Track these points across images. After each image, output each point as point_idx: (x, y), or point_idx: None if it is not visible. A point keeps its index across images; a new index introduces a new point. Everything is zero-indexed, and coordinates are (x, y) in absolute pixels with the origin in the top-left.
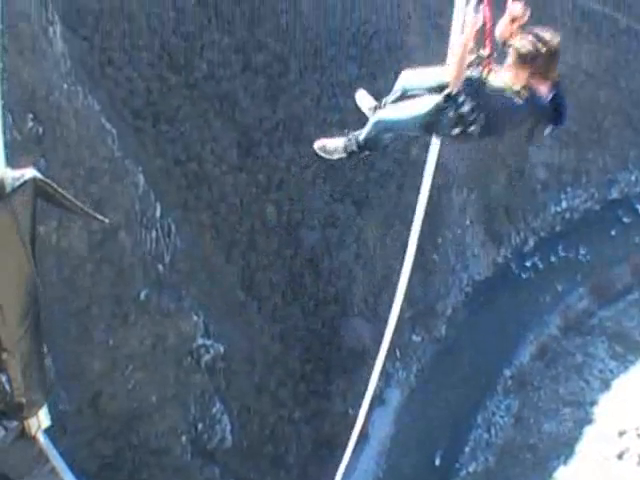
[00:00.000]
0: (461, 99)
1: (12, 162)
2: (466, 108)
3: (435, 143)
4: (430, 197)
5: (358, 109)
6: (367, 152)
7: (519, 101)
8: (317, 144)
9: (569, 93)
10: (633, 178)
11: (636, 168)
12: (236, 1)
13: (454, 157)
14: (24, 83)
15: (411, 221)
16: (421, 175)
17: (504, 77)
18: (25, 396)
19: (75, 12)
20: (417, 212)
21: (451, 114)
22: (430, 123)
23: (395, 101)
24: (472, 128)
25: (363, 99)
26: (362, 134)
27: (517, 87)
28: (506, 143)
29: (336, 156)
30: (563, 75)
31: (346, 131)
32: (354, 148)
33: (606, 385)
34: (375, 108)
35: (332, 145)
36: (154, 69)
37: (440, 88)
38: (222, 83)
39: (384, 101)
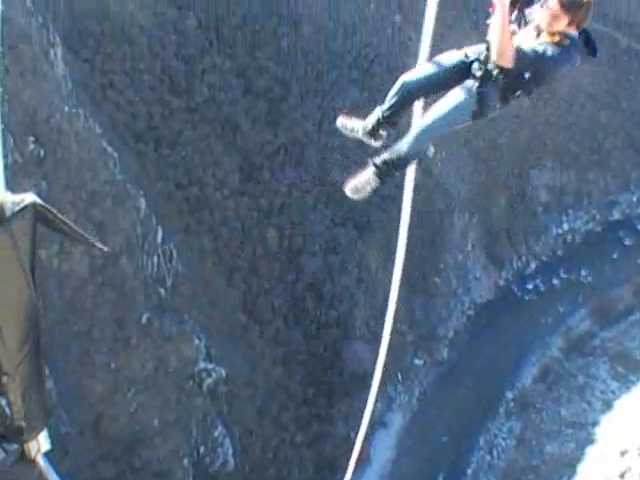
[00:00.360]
0: (495, 72)
1: (13, 184)
2: (506, 78)
3: (409, 180)
4: (432, 221)
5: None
6: (399, 170)
7: (559, 48)
8: (348, 190)
9: (570, 114)
10: (635, 199)
11: (637, 189)
12: (237, 25)
13: (455, 181)
14: (25, 105)
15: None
16: (423, 200)
17: (531, 33)
18: (25, 420)
19: (76, 34)
20: (399, 243)
21: (494, 91)
22: (479, 107)
23: (397, 107)
24: (518, 92)
25: (346, 123)
26: (398, 152)
27: (555, 38)
28: (507, 165)
29: (370, 188)
30: (564, 97)
31: (370, 160)
32: (390, 172)
33: (608, 406)
34: (375, 126)
35: (362, 181)
36: (155, 93)
37: (461, 67)
38: (223, 107)
39: (381, 111)
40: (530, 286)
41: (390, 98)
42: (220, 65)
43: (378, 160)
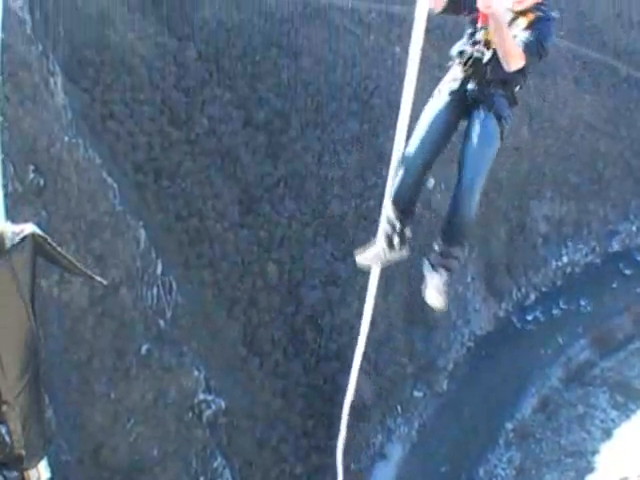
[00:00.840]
0: (494, 82)
1: (14, 213)
2: (507, 82)
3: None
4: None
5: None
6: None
7: (540, 24)
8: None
9: (570, 145)
10: (634, 228)
11: (637, 219)
12: (237, 56)
13: None
14: (25, 134)
15: (412, 278)
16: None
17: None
18: (25, 448)
19: (76, 63)
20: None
21: (502, 100)
22: (501, 126)
23: (411, 199)
24: (519, 85)
25: (367, 256)
26: (459, 228)
27: (529, 16)
28: (507, 197)
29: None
30: (564, 127)
31: (431, 262)
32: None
33: (607, 434)
34: (399, 236)
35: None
36: (155, 124)
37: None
38: (223, 139)
39: (396, 218)
40: (530, 317)
41: (398, 198)
42: (220, 96)
43: (441, 251)
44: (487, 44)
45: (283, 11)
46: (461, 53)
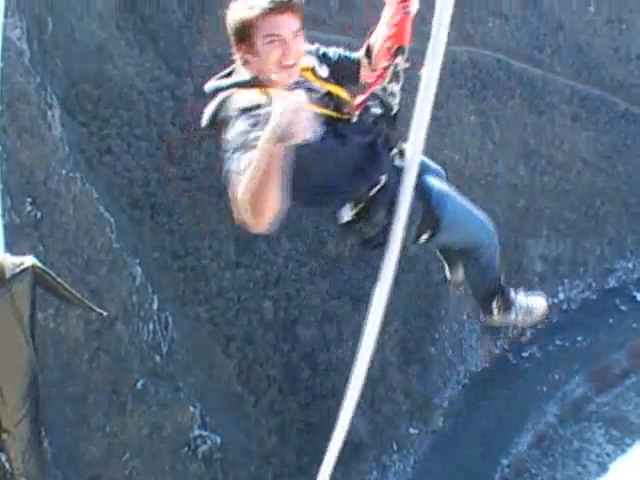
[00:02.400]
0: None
1: (11, 246)
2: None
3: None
4: (428, 293)
5: None
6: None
7: None
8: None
9: (567, 182)
10: (631, 265)
11: (634, 255)
12: None
13: None
14: (23, 166)
15: (408, 317)
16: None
17: None
18: (24, 476)
19: (74, 96)
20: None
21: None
22: None
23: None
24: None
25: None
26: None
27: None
28: (503, 236)
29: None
30: (560, 164)
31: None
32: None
33: (603, 468)
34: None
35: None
36: (152, 159)
37: None
38: (220, 176)
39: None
40: (526, 354)
41: None
42: (217, 133)
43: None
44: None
45: None
46: None
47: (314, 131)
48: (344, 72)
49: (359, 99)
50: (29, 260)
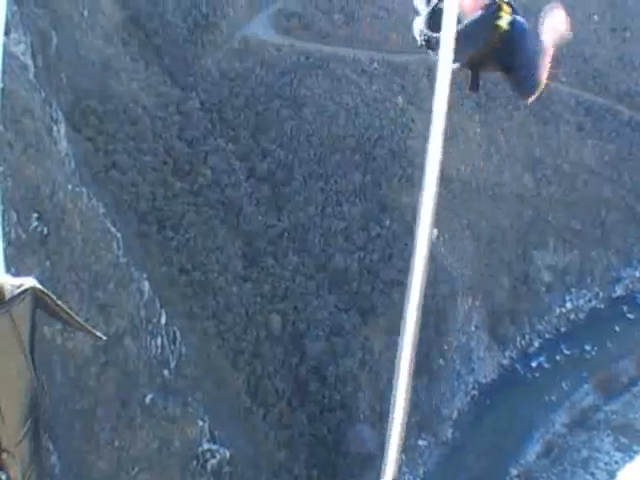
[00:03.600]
0: None
1: (17, 262)
2: None
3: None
4: (436, 305)
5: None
6: None
7: None
8: None
9: (573, 192)
10: (637, 274)
11: None
12: (240, 107)
13: (459, 264)
14: (28, 181)
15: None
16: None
17: None
18: None
19: (79, 111)
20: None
21: None
22: None
23: None
24: None
25: None
26: None
27: None
28: (511, 246)
29: None
30: (567, 174)
31: None
32: None
33: (611, 476)
34: None
35: None
36: (158, 174)
37: None
38: (226, 190)
39: None
40: (534, 364)
41: None
42: (223, 148)
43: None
44: None
45: (286, 62)
46: None
47: None
48: None
49: None
50: (29, 281)
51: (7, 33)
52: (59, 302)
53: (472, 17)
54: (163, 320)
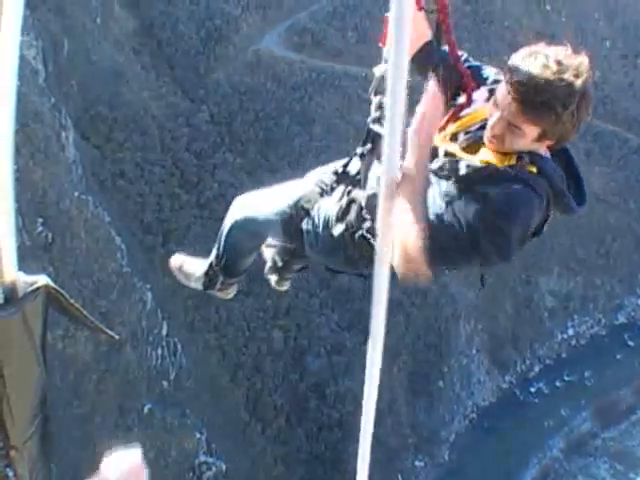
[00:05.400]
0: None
1: (21, 267)
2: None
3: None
4: (438, 327)
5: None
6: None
7: (512, 185)
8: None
9: (579, 218)
10: None
11: None
12: (249, 121)
13: (462, 286)
14: (35, 186)
15: (418, 350)
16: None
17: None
18: None
19: (88, 119)
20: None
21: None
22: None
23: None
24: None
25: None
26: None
27: (508, 159)
28: (515, 271)
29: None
30: None
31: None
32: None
33: None
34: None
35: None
36: (165, 185)
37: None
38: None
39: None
40: (533, 389)
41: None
42: (231, 162)
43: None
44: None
45: (297, 78)
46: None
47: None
48: None
49: None
50: (42, 279)
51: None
52: (71, 300)
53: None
54: (164, 331)
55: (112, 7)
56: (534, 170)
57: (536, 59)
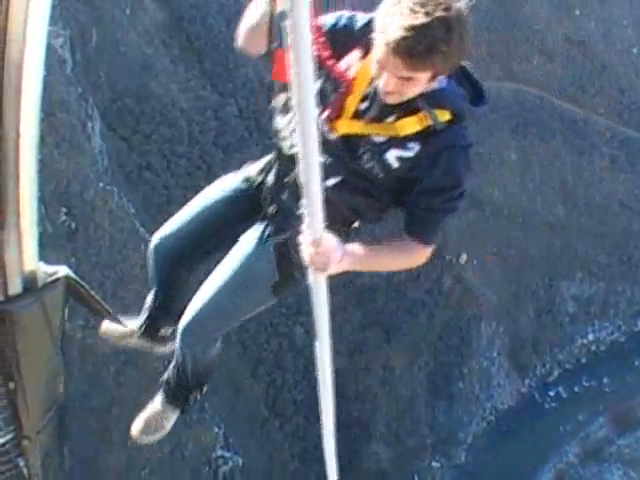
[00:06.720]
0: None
1: (43, 256)
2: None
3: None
4: (459, 328)
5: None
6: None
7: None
8: (136, 431)
9: (603, 224)
10: None
11: None
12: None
13: (485, 289)
14: (59, 175)
15: (439, 351)
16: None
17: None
18: None
19: (115, 110)
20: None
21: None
22: (281, 274)
23: (164, 290)
24: (356, 223)
25: (109, 329)
26: (176, 363)
27: (423, 121)
28: (538, 275)
29: (168, 424)
30: (598, 205)
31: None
32: (183, 394)
33: None
34: (148, 324)
35: (154, 416)
36: (192, 179)
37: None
38: None
39: (149, 300)
40: (552, 393)
41: (150, 277)
42: (258, 157)
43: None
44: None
45: None
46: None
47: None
48: None
49: None
50: (63, 270)
51: None
52: (92, 292)
53: None
54: None
55: None
56: (447, 117)
57: (400, 9)
